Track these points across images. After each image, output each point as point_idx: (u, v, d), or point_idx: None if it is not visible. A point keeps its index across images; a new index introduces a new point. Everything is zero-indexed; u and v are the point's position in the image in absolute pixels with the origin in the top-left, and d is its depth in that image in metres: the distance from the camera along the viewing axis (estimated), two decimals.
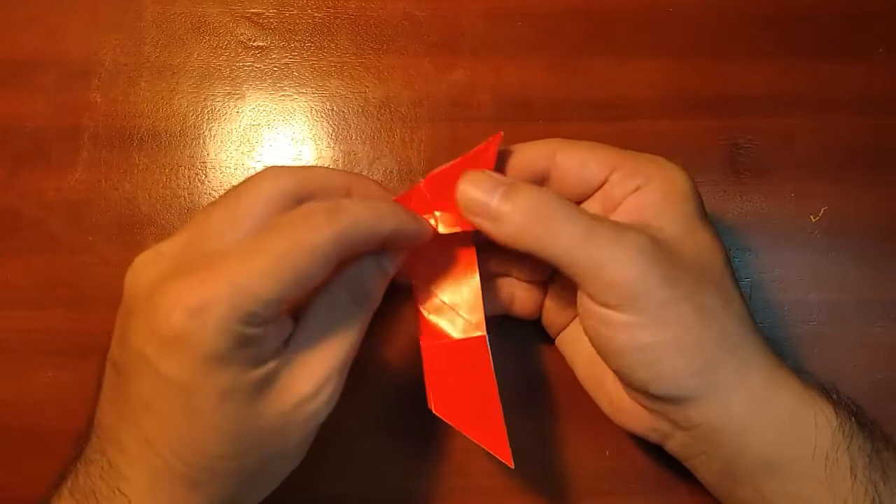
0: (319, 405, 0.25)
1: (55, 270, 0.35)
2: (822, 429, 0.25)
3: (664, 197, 0.27)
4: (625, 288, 0.25)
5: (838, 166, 0.37)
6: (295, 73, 0.37)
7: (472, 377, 0.28)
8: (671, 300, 0.25)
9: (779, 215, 0.36)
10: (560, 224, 0.25)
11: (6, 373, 0.34)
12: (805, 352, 0.35)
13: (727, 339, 0.26)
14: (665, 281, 0.25)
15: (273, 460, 0.25)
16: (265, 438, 0.24)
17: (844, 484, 0.25)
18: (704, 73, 0.37)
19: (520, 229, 0.26)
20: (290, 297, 0.23)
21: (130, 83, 0.37)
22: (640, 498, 0.34)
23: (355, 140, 0.37)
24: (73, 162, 0.36)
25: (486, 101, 0.37)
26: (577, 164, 0.28)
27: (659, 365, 0.25)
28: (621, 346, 0.25)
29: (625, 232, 0.25)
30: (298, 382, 0.24)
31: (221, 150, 0.36)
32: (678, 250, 0.26)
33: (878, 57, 0.38)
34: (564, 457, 0.34)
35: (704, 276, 0.26)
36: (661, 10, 0.38)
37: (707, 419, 0.26)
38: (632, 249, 0.25)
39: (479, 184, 0.27)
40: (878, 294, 0.35)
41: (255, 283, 0.22)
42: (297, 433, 0.25)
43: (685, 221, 0.27)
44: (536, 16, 0.38)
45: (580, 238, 0.25)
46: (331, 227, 0.23)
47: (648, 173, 0.27)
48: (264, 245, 0.23)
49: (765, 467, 0.26)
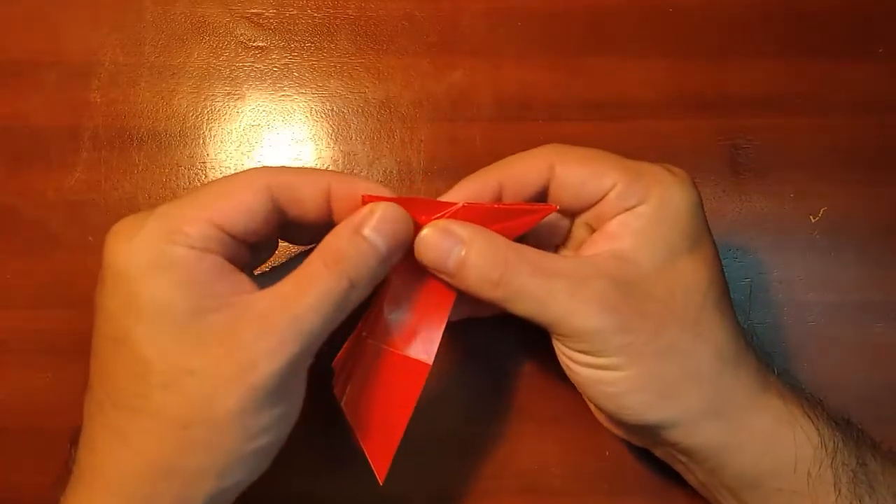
0: (267, 374, 0.22)
1: (55, 270, 0.35)
2: (803, 446, 0.26)
3: (650, 224, 0.26)
4: (585, 336, 0.25)
5: (838, 166, 0.37)
6: (295, 73, 0.37)
7: (396, 395, 0.27)
8: (629, 345, 0.25)
9: (779, 215, 0.36)
10: (517, 285, 0.25)
11: (6, 373, 0.34)
12: (805, 352, 0.35)
13: (698, 371, 0.26)
14: (624, 328, 0.25)
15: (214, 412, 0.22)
16: (198, 384, 0.22)
17: (828, 499, 0.25)
18: (704, 73, 0.37)
19: (479, 288, 0.26)
20: (218, 221, 0.24)
21: (130, 83, 0.37)
22: (640, 498, 0.34)
23: (355, 140, 0.37)
24: (72, 162, 0.36)
25: (486, 101, 0.37)
26: (576, 182, 0.27)
27: (621, 399, 0.26)
28: (587, 379, 0.26)
29: (584, 283, 0.25)
30: (248, 336, 0.22)
31: (221, 151, 0.36)
32: (646, 287, 0.26)
33: (878, 57, 0.38)
34: (564, 457, 0.34)
35: (672, 314, 0.26)
36: (661, 10, 0.38)
37: (680, 441, 0.27)
38: (590, 303, 0.25)
39: (436, 239, 0.26)
40: (878, 294, 0.35)
41: (183, 209, 0.24)
42: (236, 401, 0.22)
43: (665, 252, 0.26)
44: (536, 16, 0.38)
45: (538, 299, 0.25)
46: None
47: (646, 193, 0.26)
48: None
49: (746, 481, 0.27)
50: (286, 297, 0.23)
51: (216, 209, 0.24)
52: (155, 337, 0.22)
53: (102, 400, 0.23)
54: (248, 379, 0.22)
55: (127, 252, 0.23)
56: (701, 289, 0.26)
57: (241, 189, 0.25)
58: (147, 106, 0.37)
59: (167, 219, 0.23)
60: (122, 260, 0.23)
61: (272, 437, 0.24)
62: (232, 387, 0.22)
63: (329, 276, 0.24)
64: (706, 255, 0.27)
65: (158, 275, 0.23)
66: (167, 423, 0.22)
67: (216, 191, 0.25)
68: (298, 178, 0.25)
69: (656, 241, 0.26)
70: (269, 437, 0.23)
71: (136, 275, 0.23)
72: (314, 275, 0.24)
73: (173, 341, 0.22)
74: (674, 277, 0.26)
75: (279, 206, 0.25)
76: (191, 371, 0.22)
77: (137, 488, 0.22)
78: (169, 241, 0.23)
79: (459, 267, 0.26)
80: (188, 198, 0.24)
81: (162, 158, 0.36)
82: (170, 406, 0.22)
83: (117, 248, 0.23)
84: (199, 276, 0.23)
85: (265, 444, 0.23)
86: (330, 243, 0.25)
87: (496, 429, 0.34)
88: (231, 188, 0.25)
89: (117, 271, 0.23)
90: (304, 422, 0.25)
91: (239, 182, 0.25)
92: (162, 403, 0.22)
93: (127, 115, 0.36)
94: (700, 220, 0.27)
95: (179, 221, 0.23)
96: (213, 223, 0.24)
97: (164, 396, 0.22)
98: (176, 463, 0.22)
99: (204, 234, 0.23)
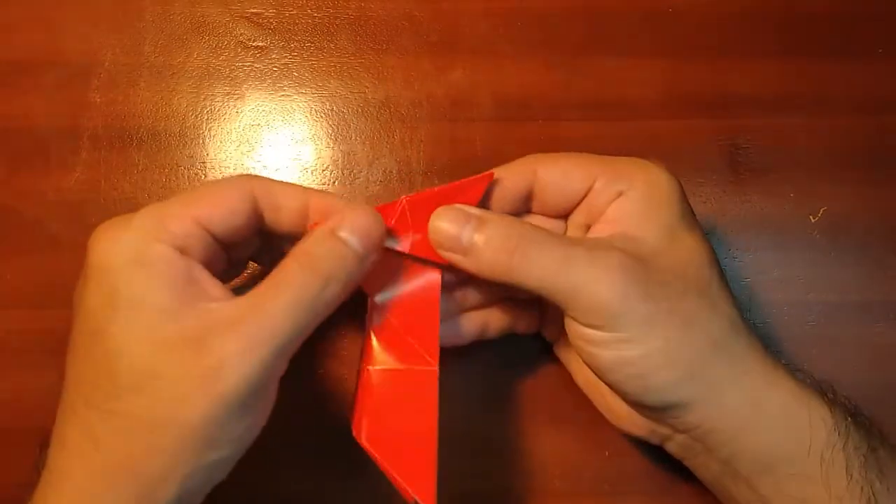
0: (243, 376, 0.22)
1: (55, 270, 0.35)
2: (817, 428, 0.25)
3: (646, 204, 0.27)
4: (606, 309, 0.25)
5: (838, 166, 0.37)
6: (295, 73, 0.37)
7: (415, 411, 0.26)
8: (653, 314, 0.25)
9: (778, 215, 0.36)
10: (534, 254, 0.25)
11: (6, 373, 0.34)
12: (805, 352, 0.35)
13: (716, 343, 0.26)
14: (645, 297, 0.25)
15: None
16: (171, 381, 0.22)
17: (840, 483, 0.25)
18: (704, 73, 0.37)
19: (494, 261, 0.26)
20: (202, 219, 0.24)
21: (130, 83, 0.37)
22: (640, 498, 0.33)
23: (355, 140, 0.37)
24: (72, 162, 0.36)
25: (486, 101, 0.37)
26: (558, 177, 0.28)
27: (648, 378, 0.25)
28: (609, 362, 0.26)
29: (601, 253, 0.25)
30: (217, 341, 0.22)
31: (221, 151, 0.36)
32: (658, 261, 0.26)
33: (878, 57, 0.38)
34: (564, 457, 0.34)
35: (687, 284, 0.26)
36: (661, 10, 0.38)
37: (703, 422, 0.26)
38: (609, 271, 0.25)
39: (450, 218, 0.26)
40: (878, 294, 0.35)
41: (168, 207, 0.24)
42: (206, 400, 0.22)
43: (666, 229, 0.27)
44: (536, 16, 0.38)
45: (556, 266, 0.25)
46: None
47: (631, 178, 0.27)
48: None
49: (761, 466, 0.26)
50: (258, 300, 0.23)
51: (200, 207, 0.24)
52: (129, 334, 0.22)
53: (75, 400, 0.23)
54: (217, 387, 0.22)
55: (111, 249, 0.23)
56: (706, 263, 0.27)
57: (225, 190, 0.25)
58: (147, 106, 0.37)
59: (152, 217, 0.24)
60: (105, 257, 0.23)
61: (236, 448, 0.23)
62: (199, 395, 0.22)
63: (303, 277, 0.23)
64: (701, 236, 0.28)
65: (139, 270, 0.23)
66: (135, 424, 0.22)
67: (201, 191, 0.25)
68: (281, 187, 0.26)
69: (657, 220, 0.27)
70: (234, 448, 0.23)
71: (117, 270, 0.23)
72: (288, 276, 0.24)
73: (146, 340, 0.22)
74: (679, 252, 0.26)
75: (258, 210, 0.26)
76: (160, 374, 0.22)
77: (105, 489, 0.22)
78: (153, 238, 0.23)
79: (473, 245, 0.26)
80: (174, 198, 0.25)
81: (162, 158, 0.36)
82: (138, 408, 0.22)
83: (102, 245, 0.23)
84: (177, 277, 0.23)
85: (229, 454, 0.23)
86: (305, 246, 0.25)
87: (496, 429, 0.34)
88: (216, 189, 0.25)
89: (100, 268, 0.23)
90: (305, 423, 0.25)
91: (224, 184, 0.26)
92: (132, 405, 0.22)
93: (127, 115, 0.36)
94: (687, 205, 0.28)
95: (164, 219, 0.24)
96: (197, 221, 0.24)
97: (133, 398, 0.22)
98: (141, 466, 0.22)
99: (187, 232, 0.24)
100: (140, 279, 0.23)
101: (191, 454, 0.22)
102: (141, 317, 0.22)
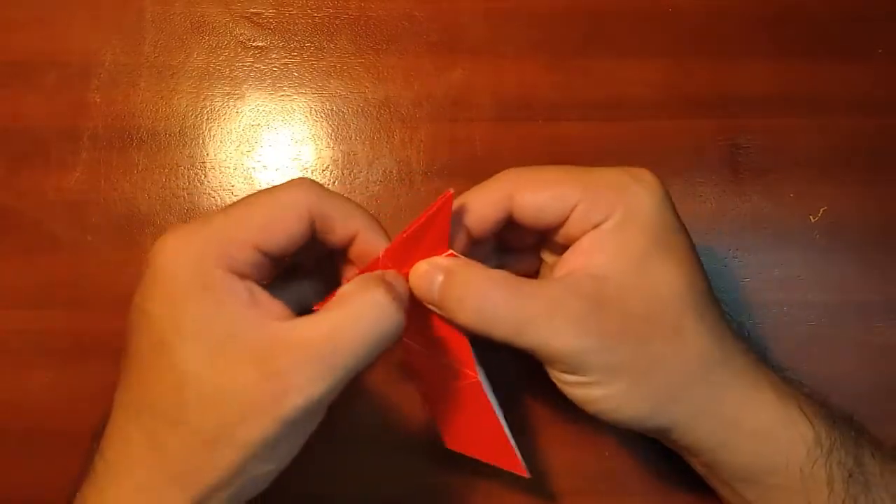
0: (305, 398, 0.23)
1: (55, 270, 0.35)
2: (795, 445, 0.26)
3: (620, 236, 0.26)
4: (568, 359, 0.26)
5: (838, 166, 0.37)
6: (295, 73, 0.37)
7: (476, 415, 0.29)
8: (615, 359, 0.25)
9: (778, 215, 0.36)
10: (498, 315, 0.26)
11: (6, 373, 0.34)
12: (805, 352, 0.35)
13: (688, 378, 0.26)
14: (606, 344, 0.25)
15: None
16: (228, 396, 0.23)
17: (820, 496, 0.26)
18: (704, 73, 0.37)
19: (464, 320, 0.26)
20: (263, 246, 0.25)
21: (130, 83, 0.37)
22: (640, 498, 0.34)
23: (355, 140, 0.37)
24: (72, 162, 0.36)
25: (486, 101, 0.37)
26: (536, 209, 0.27)
27: (619, 411, 0.26)
28: (581, 398, 0.27)
29: (560, 307, 0.25)
30: (284, 363, 0.23)
31: (221, 151, 0.36)
32: (625, 304, 0.26)
33: (878, 57, 0.38)
34: (564, 457, 0.34)
35: (653, 322, 0.26)
36: (661, 10, 0.38)
37: (680, 439, 0.27)
38: (568, 323, 0.25)
39: (420, 278, 0.27)
40: (878, 294, 0.35)
41: (233, 232, 0.24)
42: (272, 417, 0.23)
43: (637, 262, 0.26)
44: (536, 16, 0.38)
45: (517, 326, 0.26)
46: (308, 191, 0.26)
47: (609, 207, 0.26)
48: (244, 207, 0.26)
49: (742, 477, 0.27)
50: (334, 327, 0.24)
51: (263, 236, 0.25)
52: (197, 355, 0.23)
53: (140, 404, 0.24)
54: (280, 410, 0.22)
55: (178, 265, 0.24)
56: (679, 294, 0.26)
57: (287, 214, 0.25)
58: (147, 106, 0.37)
59: (218, 241, 0.24)
60: (171, 269, 0.24)
61: (284, 461, 0.24)
62: (263, 416, 0.22)
63: (379, 312, 0.24)
64: (681, 257, 0.27)
65: (205, 294, 0.23)
66: (199, 439, 0.23)
67: (264, 213, 0.25)
68: (338, 211, 0.26)
69: (628, 254, 0.26)
70: (282, 462, 0.24)
71: (184, 288, 0.23)
72: (365, 310, 0.24)
73: (214, 363, 0.23)
74: (650, 287, 0.26)
75: (313, 228, 0.26)
76: (226, 395, 0.23)
77: (163, 492, 0.23)
78: (215, 264, 0.24)
79: (442, 298, 0.27)
80: (238, 215, 0.25)
81: (161, 158, 0.36)
82: (204, 424, 0.23)
83: (168, 256, 0.24)
84: (241, 301, 0.24)
85: (276, 467, 0.24)
86: (398, 278, 0.26)
87: None
88: (275, 209, 0.25)
89: (167, 282, 0.24)
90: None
91: (283, 202, 0.26)
92: (197, 421, 0.23)
93: (127, 115, 0.36)
94: (670, 219, 0.27)
95: (228, 246, 0.24)
96: (259, 249, 0.25)
97: (199, 415, 0.23)
98: (201, 475, 0.23)
99: (247, 260, 0.24)
100: (207, 302, 0.23)
101: (246, 468, 0.23)
102: (210, 339, 0.23)
